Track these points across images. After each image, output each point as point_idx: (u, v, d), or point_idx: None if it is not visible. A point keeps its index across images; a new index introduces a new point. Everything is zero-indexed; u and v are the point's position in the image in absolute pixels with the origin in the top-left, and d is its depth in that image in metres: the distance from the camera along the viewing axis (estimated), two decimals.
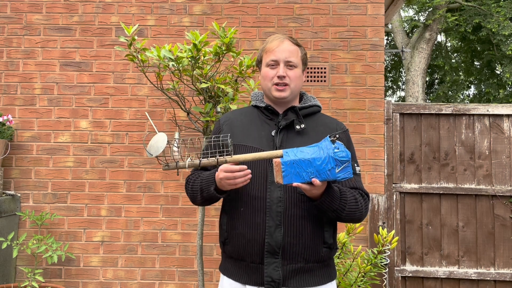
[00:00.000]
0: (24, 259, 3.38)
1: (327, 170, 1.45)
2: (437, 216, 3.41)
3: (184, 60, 2.64)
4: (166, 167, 1.56)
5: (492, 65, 11.93)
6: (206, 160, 1.55)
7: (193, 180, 1.73)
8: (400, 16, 11.74)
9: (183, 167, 1.54)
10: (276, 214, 1.59)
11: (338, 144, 1.48)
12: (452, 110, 3.45)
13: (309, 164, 1.45)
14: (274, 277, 1.58)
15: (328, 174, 1.46)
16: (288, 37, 1.74)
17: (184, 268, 3.36)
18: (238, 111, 1.84)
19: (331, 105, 3.42)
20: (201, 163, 1.55)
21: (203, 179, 1.67)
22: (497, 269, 3.35)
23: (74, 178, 3.43)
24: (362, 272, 2.69)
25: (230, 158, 1.54)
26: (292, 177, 1.46)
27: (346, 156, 1.46)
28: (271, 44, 1.72)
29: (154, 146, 1.52)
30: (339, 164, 1.46)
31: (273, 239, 1.59)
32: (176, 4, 3.51)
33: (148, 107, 3.46)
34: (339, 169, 1.46)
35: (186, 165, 1.54)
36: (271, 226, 1.59)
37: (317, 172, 1.45)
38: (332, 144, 1.48)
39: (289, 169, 1.46)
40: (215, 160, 1.54)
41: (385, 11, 4.23)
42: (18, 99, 3.49)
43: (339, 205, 1.56)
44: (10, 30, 3.53)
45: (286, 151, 1.49)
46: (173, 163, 1.55)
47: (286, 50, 1.70)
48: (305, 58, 1.77)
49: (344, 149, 1.47)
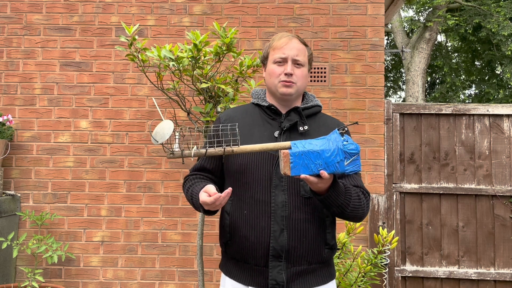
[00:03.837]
0: (24, 259, 3.38)
1: (335, 162, 1.43)
2: (437, 216, 3.41)
3: (184, 60, 2.64)
4: (171, 155, 1.50)
5: (492, 65, 11.93)
6: (212, 150, 1.50)
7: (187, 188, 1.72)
8: (400, 16, 11.74)
9: (188, 156, 1.49)
10: (280, 219, 1.59)
11: (347, 137, 1.46)
12: (452, 110, 3.45)
13: (318, 156, 1.42)
14: (278, 280, 1.59)
15: (336, 167, 1.43)
16: (296, 36, 1.73)
17: (184, 268, 3.36)
18: (238, 109, 1.81)
19: (331, 105, 3.42)
20: (207, 152, 1.49)
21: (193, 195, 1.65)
22: (497, 269, 3.35)
23: (74, 178, 3.43)
24: (362, 272, 2.69)
25: (237, 148, 1.49)
26: (300, 168, 1.43)
27: (355, 149, 1.44)
28: (279, 41, 1.70)
29: (160, 133, 1.47)
30: (348, 156, 1.44)
31: (278, 243, 1.58)
32: (176, 4, 3.51)
33: (148, 107, 3.46)
34: (348, 162, 1.44)
35: (192, 153, 1.49)
36: (276, 231, 1.59)
37: (325, 164, 1.43)
38: (341, 136, 1.46)
39: (297, 160, 1.43)
40: (222, 150, 1.49)
41: (385, 11, 4.23)
42: (18, 99, 3.49)
43: (344, 200, 1.55)
44: (10, 30, 3.53)
45: (294, 143, 1.46)
46: (178, 152, 1.49)
47: (294, 48, 1.68)
48: (311, 58, 1.76)
49: (353, 142, 1.45)
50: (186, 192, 1.72)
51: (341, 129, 1.47)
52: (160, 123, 1.49)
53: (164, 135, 1.45)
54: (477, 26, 10.51)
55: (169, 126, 1.45)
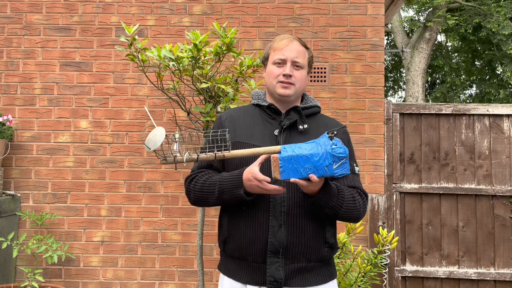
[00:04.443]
0: (24, 259, 3.38)
1: (324, 166, 1.46)
2: (437, 216, 3.41)
3: (184, 60, 2.64)
4: (164, 161, 1.55)
5: (493, 65, 11.93)
6: (204, 155, 1.55)
7: (204, 180, 1.65)
8: (400, 16, 11.74)
9: (181, 161, 1.54)
10: (279, 214, 1.60)
11: (336, 140, 1.49)
12: (452, 110, 3.45)
13: (306, 160, 1.46)
14: (277, 277, 1.59)
15: (325, 170, 1.46)
16: (297, 38, 1.75)
17: (184, 268, 3.36)
18: (239, 109, 1.83)
19: (331, 105, 3.42)
20: (199, 157, 1.54)
21: (223, 181, 1.59)
22: (497, 269, 3.35)
23: (74, 178, 3.43)
24: (362, 272, 2.69)
25: (228, 153, 1.54)
26: (289, 172, 1.46)
27: (343, 152, 1.47)
28: (280, 42, 1.72)
29: (152, 140, 1.51)
30: (336, 160, 1.47)
31: (276, 239, 1.59)
32: (176, 4, 3.51)
33: (148, 107, 3.46)
34: (337, 165, 1.47)
35: (184, 159, 1.53)
36: (275, 226, 1.59)
37: (314, 168, 1.46)
38: (330, 140, 1.49)
39: (286, 164, 1.46)
40: (213, 155, 1.54)
41: (385, 11, 4.23)
42: (18, 99, 3.49)
43: (337, 202, 1.57)
44: (10, 30, 3.53)
45: (284, 147, 1.49)
46: (171, 157, 1.54)
47: (294, 50, 1.70)
48: (311, 60, 1.78)
49: (341, 146, 1.48)
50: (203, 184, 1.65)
51: (330, 132, 1.50)
52: (152, 130, 1.53)
53: (156, 142, 1.49)
54: (477, 26, 10.51)
55: (161, 133, 1.49)
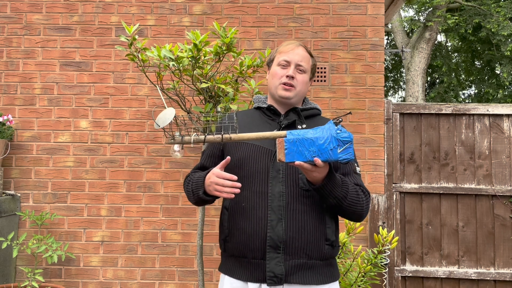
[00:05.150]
0: (24, 259, 3.38)
1: (329, 149, 1.48)
2: (437, 216, 3.41)
3: (184, 60, 2.64)
4: (171, 140, 1.58)
5: (492, 65, 11.93)
6: (211, 136, 1.57)
7: (189, 180, 1.78)
8: (400, 16, 11.74)
9: (188, 142, 1.57)
10: (278, 208, 1.61)
11: (341, 127, 1.52)
12: (452, 110, 3.45)
13: (311, 143, 1.48)
14: (277, 272, 1.59)
15: (330, 154, 1.48)
16: (304, 45, 1.83)
17: (184, 268, 3.36)
18: (242, 113, 1.90)
19: (331, 105, 3.43)
20: (206, 138, 1.57)
21: (193, 181, 1.73)
22: (497, 269, 3.35)
23: (74, 178, 3.43)
24: (362, 272, 2.69)
25: (235, 135, 1.56)
26: (294, 155, 1.48)
27: (348, 136, 1.49)
28: (286, 46, 1.80)
29: (162, 118, 1.55)
30: (341, 144, 1.48)
31: (275, 233, 1.60)
32: (176, 4, 3.51)
33: (148, 107, 3.46)
34: (341, 150, 1.48)
35: (191, 139, 1.57)
36: (273, 220, 1.60)
37: (319, 151, 1.48)
38: (335, 126, 1.51)
39: (291, 147, 1.48)
40: (220, 137, 1.56)
41: (385, 11, 4.23)
42: (18, 99, 3.49)
43: (341, 193, 1.58)
44: (10, 30, 3.53)
45: (290, 132, 1.52)
46: (178, 137, 1.57)
47: (299, 54, 1.77)
48: (314, 68, 1.85)
49: (346, 131, 1.50)
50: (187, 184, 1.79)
51: (335, 119, 1.53)
52: (163, 110, 1.58)
53: (166, 120, 1.53)
54: (477, 26, 10.51)
55: (171, 112, 1.54)
